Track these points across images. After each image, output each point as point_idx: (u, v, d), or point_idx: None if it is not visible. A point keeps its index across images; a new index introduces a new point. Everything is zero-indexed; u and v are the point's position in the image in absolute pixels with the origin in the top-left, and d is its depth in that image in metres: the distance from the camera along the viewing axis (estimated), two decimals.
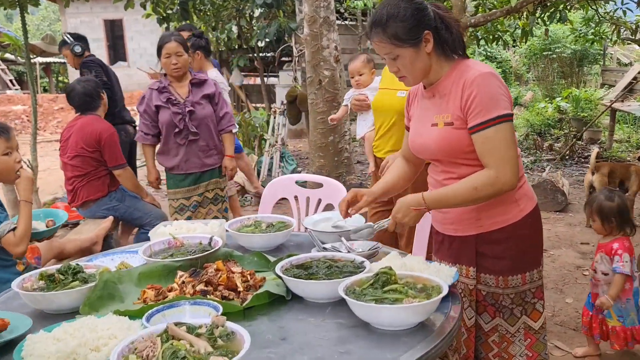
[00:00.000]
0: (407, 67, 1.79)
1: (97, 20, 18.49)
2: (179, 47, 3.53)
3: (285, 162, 6.49)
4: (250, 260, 2.00)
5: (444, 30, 1.79)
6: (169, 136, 3.60)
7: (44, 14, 31.89)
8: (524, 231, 1.87)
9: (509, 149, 1.71)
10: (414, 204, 1.83)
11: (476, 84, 1.72)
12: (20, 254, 2.53)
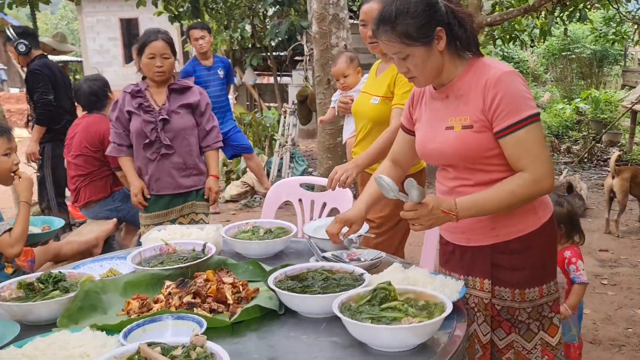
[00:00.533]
0: (418, 67, 1.67)
1: (114, 19, 18.56)
2: (166, 47, 2.99)
3: (295, 162, 6.38)
4: (245, 269, 1.89)
5: (457, 26, 1.67)
6: (138, 149, 3.07)
7: (62, 12, 32.20)
8: (542, 240, 1.75)
9: (543, 148, 1.63)
10: (445, 206, 1.65)
11: (501, 84, 1.61)
12: (15, 255, 2.45)
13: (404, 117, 1.95)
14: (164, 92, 3.08)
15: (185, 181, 3.11)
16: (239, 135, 5.94)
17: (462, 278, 1.80)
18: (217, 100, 5.80)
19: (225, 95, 5.92)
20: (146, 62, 3.00)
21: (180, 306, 1.55)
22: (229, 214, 6.00)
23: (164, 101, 3.06)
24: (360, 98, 2.75)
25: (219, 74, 5.80)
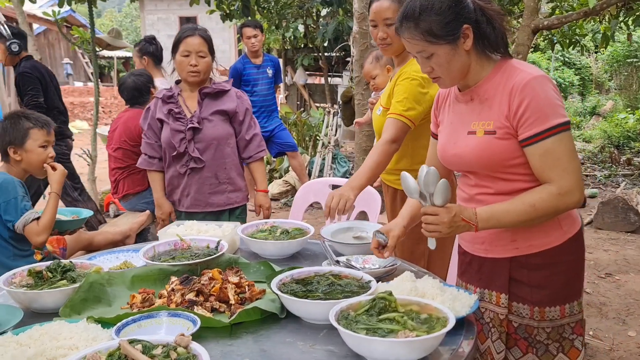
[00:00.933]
0: (442, 66, 1.58)
1: (173, 17, 19.08)
2: (203, 45, 2.66)
3: (337, 163, 6.34)
4: (256, 269, 1.86)
5: (485, 24, 1.57)
6: (168, 161, 2.78)
7: (127, 10, 33.41)
8: (566, 257, 1.63)
9: (572, 159, 1.52)
10: (466, 215, 1.56)
11: (529, 89, 1.51)
12: (40, 244, 2.52)
13: (432, 123, 1.86)
14: (196, 96, 2.76)
15: (216, 199, 2.76)
16: (284, 133, 5.96)
17: (478, 291, 1.71)
18: (264, 99, 5.84)
19: (273, 94, 5.95)
20: (180, 60, 2.68)
21: (181, 303, 1.53)
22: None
23: (191, 103, 2.76)
24: (377, 106, 2.58)
25: (267, 72, 5.83)
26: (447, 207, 1.52)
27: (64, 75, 21.33)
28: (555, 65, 14.87)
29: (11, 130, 2.61)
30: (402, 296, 1.43)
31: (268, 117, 5.89)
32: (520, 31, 5.09)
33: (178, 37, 2.73)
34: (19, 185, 2.53)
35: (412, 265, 1.97)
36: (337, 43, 7.67)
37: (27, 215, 2.48)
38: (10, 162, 2.63)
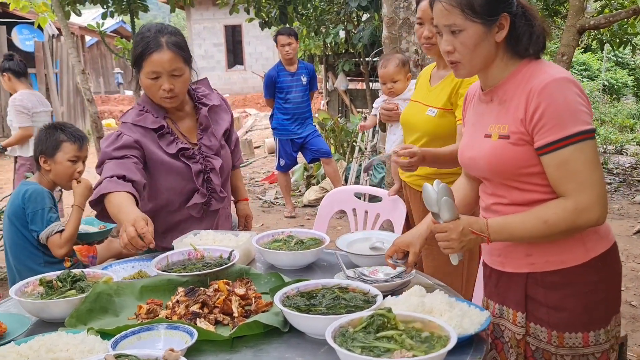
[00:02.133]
0: (467, 48, 1.47)
1: (219, 26, 19.42)
2: (175, 59, 2.02)
3: (374, 169, 6.26)
4: (267, 280, 1.83)
5: (524, 22, 1.48)
6: (170, 209, 2.19)
7: (175, 20, 34.29)
8: (590, 278, 1.49)
9: (593, 172, 1.40)
10: (476, 227, 1.49)
11: (547, 92, 1.40)
12: (62, 256, 2.60)
13: (463, 123, 1.78)
14: (186, 117, 2.23)
15: (227, 227, 2.41)
16: (317, 140, 5.95)
17: (497, 307, 1.62)
18: (299, 106, 5.86)
19: (307, 101, 5.96)
20: (147, 83, 2.06)
21: (185, 315, 1.52)
22: (304, 218, 6.00)
23: (191, 130, 2.23)
24: (412, 108, 2.55)
25: (302, 80, 5.85)
26: (454, 222, 1.46)
27: (115, 84, 22.08)
28: (608, 65, 14.29)
29: (45, 141, 2.69)
30: (406, 312, 1.38)
31: (302, 124, 5.90)
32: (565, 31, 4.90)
33: (140, 51, 2.03)
34: (48, 196, 2.61)
35: (428, 278, 1.90)
36: (374, 48, 7.61)
37: (52, 227, 2.55)
38: (41, 171, 2.71)
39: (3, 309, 1.72)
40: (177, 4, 6.50)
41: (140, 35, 2.07)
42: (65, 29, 5.29)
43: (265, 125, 12.79)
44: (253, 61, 19.46)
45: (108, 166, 2.04)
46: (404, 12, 3.58)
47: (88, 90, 5.38)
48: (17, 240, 2.64)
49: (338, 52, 11.34)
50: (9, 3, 6.64)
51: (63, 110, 13.16)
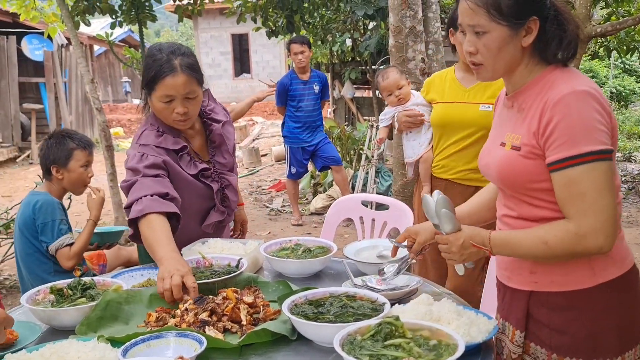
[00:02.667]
0: (491, 51, 1.40)
1: (226, 35, 19.55)
2: (189, 82, 1.97)
3: (381, 177, 6.27)
4: (275, 288, 1.84)
5: (556, 26, 1.39)
6: (185, 228, 2.08)
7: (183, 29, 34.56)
8: (595, 304, 1.40)
9: (601, 196, 1.30)
10: (477, 240, 1.46)
11: (562, 105, 1.32)
12: (69, 268, 2.63)
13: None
14: (196, 135, 2.19)
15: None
16: (328, 147, 5.97)
17: (501, 321, 1.59)
18: (310, 114, 5.88)
19: (319, 110, 5.98)
20: (159, 106, 2.00)
21: (193, 323, 1.53)
22: (311, 226, 6.01)
23: (202, 147, 2.21)
24: (453, 108, 2.70)
25: (314, 88, 5.87)
26: (455, 234, 1.45)
27: (123, 93, 22.23)
28: (615, 72, 14.26)
29: (55, 150, 2.72)
30: (413, 320, 1.38)
31: (313, 132, 5.92)
32: None
33: (152, 74, 1.97)
34: (58, 207, 2.64)
35: (435, 286, 1.90)
36: (380, 56, 7.64)
37: (62, 240, 2.58)
38: (52, 180, 2.74)
39: (14, 316, 1.73)
40: (184, 13, 6.57)
41: (152, 57, 1.99)
42: (75, 39, 5.35)
43: (271, 133, 12.83)
44: (260, 69, 19.55)
45: (145, 183, 1.93)
46: (410, 21, 3.60)
47: (97, 99, 5.43)
48: (28, 250, 2.66)
49: (344, 61, 11.39)
50: (19, 14, 6.72)
51: (71, 119, 13.26)
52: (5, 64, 11.95)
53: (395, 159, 3.92)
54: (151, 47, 2.06)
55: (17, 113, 12.19)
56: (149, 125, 2.11)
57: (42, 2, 6.91)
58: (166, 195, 1.92)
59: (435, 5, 6.08)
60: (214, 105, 2.29)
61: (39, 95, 13.02)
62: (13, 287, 4.47)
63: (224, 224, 2.32)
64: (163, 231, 1.83)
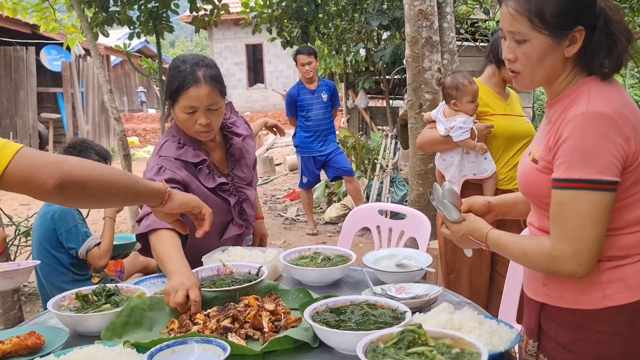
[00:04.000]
0: (530, 60, 1.34)
1: (240, 45, 19.72)
2: (213, 94, 1.99)
3: (395, 187, 6.27)
4: (295, 296, 1.86)
5: (604, 36, 1.32)
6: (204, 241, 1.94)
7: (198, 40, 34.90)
8: (603, 327, 1.35)
9: (581, 226, 1.27)
10: (476, 236, 1.51)
11: (573, 125, 1.28)
12: (103, 267, 2.66)
13: None
14: (217, 148, 2.20)
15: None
16: (340, 157, 5.99)
17: (522, 328, 1.61)
18: (320, 123, 5.91)
19: (329, 118, 6.01)
20: (182, 117, 2.01)
21: (216, 329, 1.55)
22: (326, 235, 6.02)
23: (222, 160, 2.20)
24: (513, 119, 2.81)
25: (322, 97, 5.91)
26: (457, 225, 1.53)
27: (139, 103, 22.48)
28: (631, 82, 14.16)
29: None
30: (436, 329, 1.39)
31: (324, 141, 5.95)
32: None
33: (176, 85, 1.98)
34: (76, 212, 2.68)
35: (455, 295, 1.91)
36: (395, 66, 7.67)
37: (89, 242, 2.63)
38: None
39: (39, 321, 1.77)
40: (200, 24, 6.64)
41: (176, 69, 2.01)
42: (94, 50, 5.44)
43: (285, 142, 12.89)
44: (274, 79, 19.68)
45: None
46: (426, 31, 3.63)
47: (115, 109, 5.50)
48: (47, 261, 2.70)
49: (358, 70, 11.44)
50: (39, 25, 6.84)
51: (88, 128, 13.43)
52: (24, 74, 12.15)
53: (411, 169, 3.93)
54: (175, 59, 2.10)
55: (35, 122, 12.38)
56: (171, 136, 2.13)
57: (61, 14, 7.03)
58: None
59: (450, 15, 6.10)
60: (235, 118, 2.30)
61: (57, 104, 13.22)
62: (32, 294, 4.53)
63: (242, 238, 2.33)
64: (173, 245, 1.86)
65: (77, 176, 1.26)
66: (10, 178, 1.19)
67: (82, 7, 5.55)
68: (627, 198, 1.33)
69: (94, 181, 1.32)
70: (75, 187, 1.26)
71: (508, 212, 1.70)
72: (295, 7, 6.77)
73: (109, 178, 1.37)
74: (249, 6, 7.20)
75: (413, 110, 3.77)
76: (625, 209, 1.34)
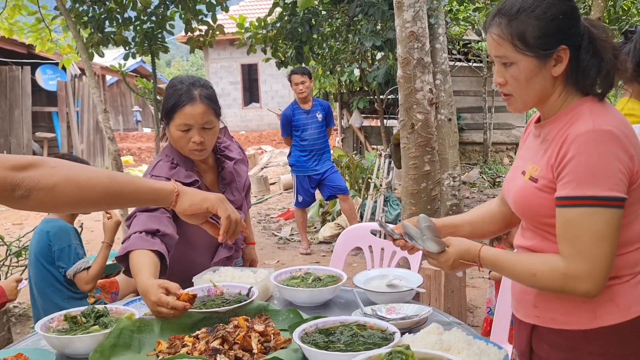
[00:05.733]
0: (519, 83, 1.37)
1: (235, 65, 19.85)
2: (208, 112, 2.03)
3: (389, 206, 6.29)
4: (285, 316, 1.85)
5: (590, 55, 1.34)
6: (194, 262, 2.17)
7: (193, 59, 35.13)
8: (593, 348, 1.36)
9: (595, 244, 1.27)
10: (467, 258, 1.48)
11: (578, 143, 1.28)
12: (87, 291, 2.66)
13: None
14: (209, 170, 2.24)
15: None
16: (335, 176, 6.01)
17: (514, 350, 1.61)
18: (315, 142, 5.95)
19: (324, 138, 6.05)
20: (176, 135, 2.05)
21: (205, 351, 1.55)
22: (319, 255, 6.01)
23: (213, 185, 2.23)
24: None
25: (317, 117, 5.95)
26: (444, 254, 1.49)
27: (134, 122, 22.52)
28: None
29: None
30: (424, 350, 1.38)
31: (319, 160, 5.97)
32: None
33: (172, 103, 2.03)
34: (72, 232, 2.68)
35: (445, 316, 1.91)
36: (389, 86, 7.74)
37: (79, 265, 2.62)
38: None
39: (28, 343, 1.76)
40: (196, 44, 6.70)
41: (173, 88, 2.07)
42: (89, 70, 5.48)
43: (280, 162, 12.92)
44: (269, 99, 19.78)
45: (140, 219, 1.95)
46: (418, 53, 3.67)
47: (109, 128, 5.52)
48: (42, 277, 2.70)
49: (352, 90, 11.54)
50: (35, 45, 6.89)
51: (83, 147, 13.44)
52: (20, 94, 12.19)
53: (404, 188, 3.94)
54: (173, 79, 2.14)
55: (30, 142, 12.38)
56: (164, 156, 2.15)
57: (57, 34, 7.08)
58: (157, 232, 1.93)
59: (442, 36, 6.18)
60: (229, 142, 2.32)
61: (52, 124, 13.24)
62: (22, 315, 4.49)
63: (230, 261, 2.33)
64: (141, 263, 1.83)
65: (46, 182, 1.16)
66: None
67: (78, 28, 5.60)
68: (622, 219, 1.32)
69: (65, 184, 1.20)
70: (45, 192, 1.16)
71: (453, 234, 1.66)
72: (289, 28, 6.84)
73: (87, 181, 1.25)
74: (244, 27, 7.27)
75: (405, 130, 3.80)
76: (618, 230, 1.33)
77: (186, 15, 6.08)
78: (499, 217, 1.71)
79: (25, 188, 1.16)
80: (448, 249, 1.50)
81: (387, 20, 6.06)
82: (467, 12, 8.90)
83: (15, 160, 1.18)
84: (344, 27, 7.58)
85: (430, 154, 3.79)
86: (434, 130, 3.81)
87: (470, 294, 4.37)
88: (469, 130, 11.38)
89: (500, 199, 1.72)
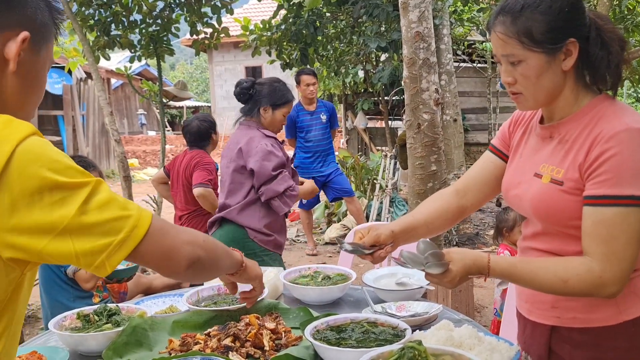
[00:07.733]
0: (529, 80, 1.33)
1: (239, 67, 19.90)
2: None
3: (395, 207, 6.29)
4: (296, 314, 1.87)
5: (598, 46, 1.31)
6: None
7: (198, 62, 35.21)
8: (619, 343, 1.34)
9: (629, 245, 1.25)
10: (474, 271, 1.38)
11: (617, 140, 1.24)
12: (89, 289, 2.66)
13: (498, 137, 1.60)
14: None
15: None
16: (340, 178, 6.01)
17: (523, 354, 1.55)
18: (320, 144, 5.94)
19: (328, 139, 6.05)
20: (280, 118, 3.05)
21: (217, 348, 1.56)
22: (326, 256, 6.02)
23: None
24: None
25: (321, 118, 5.96)
26: (448, 274, 1.37)
27: (139, 125, 22.58)
28: (628, 102, 14.28)
29: None
30: (436, 346, 1.39)
31: (323, 161, 5.97)
32: None
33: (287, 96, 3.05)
34: None
35: (455, 313, 1.91)
36: (393, 87, 7.75)
37: None
38: None
39: (41, 341, 1.77)
40: (200, 47, 6.72)
41: (282, 84, 3.06)
42: (95, 73, 5.50)
43: None
44: None
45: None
46: (423, 53, 3.68)
47: (116, 131, 5.54)
48: (48, 277, 2.71)
49: (357, 92, 11.54)
50: None
51: (89, 150, 13.50)
52: None
53: (410, 188, 3.95)
54: (275, 78, 3.12)
55: None
56: (268, 137, 2.99)
57: (63, 38, 7.12)
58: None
59: (447, 37, 6.20)
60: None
61: (57, 127, 13.29)
62: (31, 316, 4.51)
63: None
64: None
65: (205, 258, 1.12)
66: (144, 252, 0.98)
67: (84, 31, 5.63)
68: None
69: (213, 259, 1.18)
70: (201, 267, 1.13)
71: (410, 238, 1.64)
72: (294, 30, 6.86)
73: (216, 254, 1.21)
74: (249, 29, 7.29)
75: (411, 131, 3.81)
76: None
77: (191, 18, 6.10)
78: (455, 211, 1.64)
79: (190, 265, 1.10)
80: (451, 267, 1.37)
81: (392, 22, 6.07)
82: (472, 13, 8.90)
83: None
84: (349, 29, 7.60)
85: (437, 153, 3.79)
86: (440, 130, 3.82)
87: (477, 293, 4.37)
88: (473, 131, 11.36)
89: (456, 191, 1.65)
